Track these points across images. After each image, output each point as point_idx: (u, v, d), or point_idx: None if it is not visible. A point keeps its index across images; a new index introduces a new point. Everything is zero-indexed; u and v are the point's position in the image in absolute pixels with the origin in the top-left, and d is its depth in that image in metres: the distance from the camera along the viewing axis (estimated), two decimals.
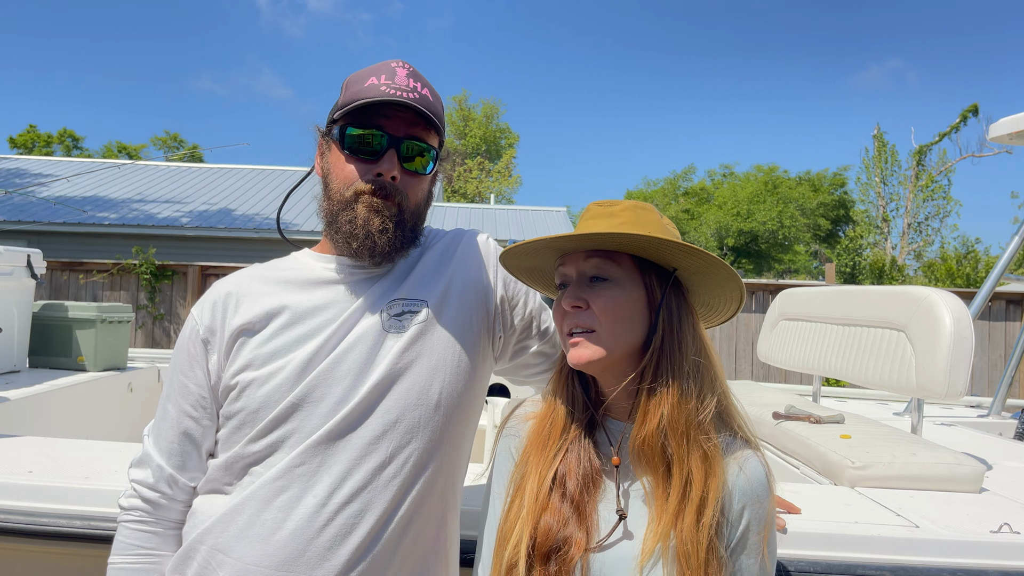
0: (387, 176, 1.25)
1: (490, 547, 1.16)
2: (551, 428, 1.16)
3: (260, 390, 1.20)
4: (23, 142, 35.23)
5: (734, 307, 1.17)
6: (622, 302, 1.09)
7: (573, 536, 1.06)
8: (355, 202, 1.25)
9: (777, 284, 9.48)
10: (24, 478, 1.72)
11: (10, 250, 3.20)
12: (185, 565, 1.21)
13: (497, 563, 1.11)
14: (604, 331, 1.09)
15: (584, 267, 1.12)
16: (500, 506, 1.17)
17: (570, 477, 1.11)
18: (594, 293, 1.10)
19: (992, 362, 8.76)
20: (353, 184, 1.25)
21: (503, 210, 18.84)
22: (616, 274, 1.10)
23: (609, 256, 1.10)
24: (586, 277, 1.11)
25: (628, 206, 1.14)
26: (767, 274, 30.42)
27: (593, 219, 1.13)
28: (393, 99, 1.22)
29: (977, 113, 24.41)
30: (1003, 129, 3.74)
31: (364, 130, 1.25)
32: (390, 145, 1.26)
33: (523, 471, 1.15)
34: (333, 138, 1.29)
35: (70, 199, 14.61)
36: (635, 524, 1.08)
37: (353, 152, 1.26)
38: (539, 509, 1.09)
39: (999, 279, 3.71)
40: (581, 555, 1.05)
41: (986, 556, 1.52)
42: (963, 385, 2.08)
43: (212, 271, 9.30)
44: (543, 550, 1.06)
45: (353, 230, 1.24)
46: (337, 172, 1.28)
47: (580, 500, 1.09)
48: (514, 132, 38.23)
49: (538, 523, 1.08)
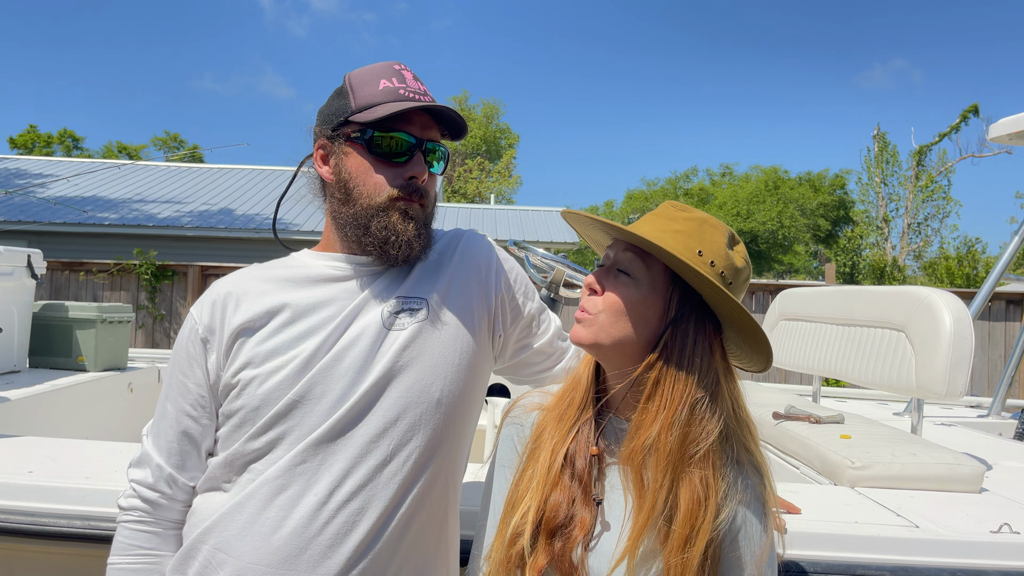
0: (420, 179, 1.28)
1: (491, 535, 1.17)
2: (569, 404, 1.17)
3: (261, 387, 1.20)
4: (23, 142, 35.23)
5: (758, 365, 1.14)
6: (632, 301, 1.09)
7: (579, 515, 1.07)
8: (389, 208, 1.27)
9: (777, 284, 9.48)
10: (24, 478, 1.72)
11: (10, 250, 3.20)
12: (186, 565, 1.21)
13: (503, 529, 1.12)
14: (603, 320, 1.10)
15: (620, 257, 1.13)
16: (505, 479, 1.19)
17: (579, 456, 1.12)
18: (611, 283, 1.12)
19: (992, 362, 8.76)
20: (385, 190, 1.27)
21: (503, 210, 18.83)
22: (641, 275, 1.10)
23: (643, 256, 1.11)
24: (616, 267, 1.13)
25: (696, 218, 1.11)
26: (767, 274, 30.42)
27: (656, 217, 1.13)
28: (423, 105, 1.25)
29: (978, 113, 24.42)
30: (1003, 129, 3.74)
31: (390, 134, 1.27)
32: (416, 147, 1.28)
33: (538, 443, 1.16)
34: (352, 141, 1.29)
35: (70, 199, 14.60)
36: (617, 521, 1.09)
37: (383, 158, 1.28)
38: (550, 484, 1.10)
39: (999, 279, 3.71)
40: (583, 536, 1.06)
41: (986, 556, 1.52)
42: (963, 385, 2.08)
43: (212, 271, 9.30)
44: (550, 525, 1.07)
45: (390, 236, 1.26)
46: (364, 178, 1.28)
47: (587, 481, 1.10)
48: (514, 132, 38.27)
49: (548, 497, 1.09)
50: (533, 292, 1.48)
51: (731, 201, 31.15)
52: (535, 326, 1.47)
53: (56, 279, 9.22)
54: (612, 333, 1.10)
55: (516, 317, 1.43)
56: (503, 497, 1.18)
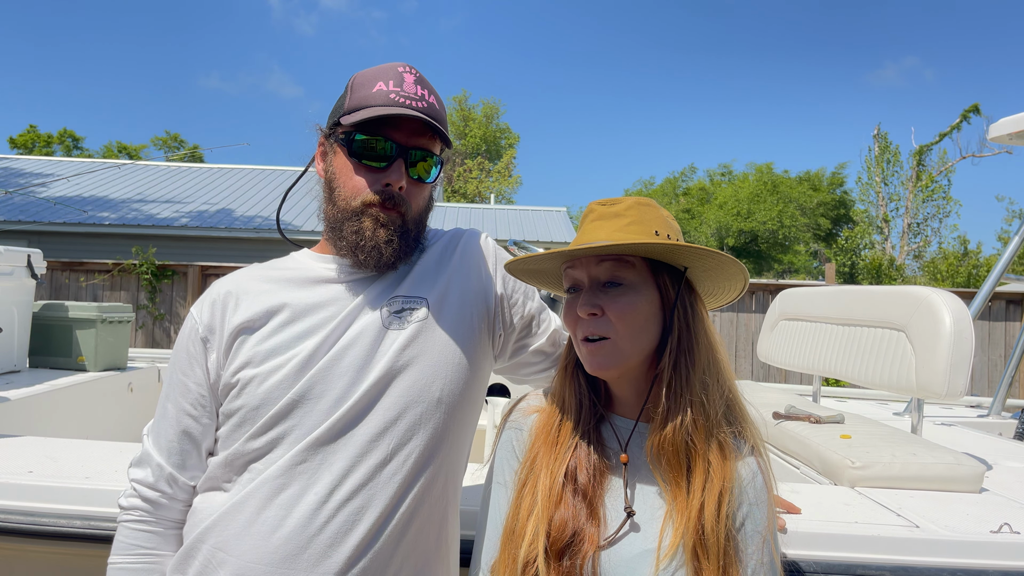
0: (395, 186, 1.26)
1: (492, 538, 1.16)
2: (560, 426, 1.15)
3: (260, 387, 1.20)
4: (23, 142, 35.25)
5: (736, 292, 1.17)
6: (638, 307, 1.08)
7: (586, 531, 1.06)
8: (362, 214, 1.26)
9: (777, 284, 9.48)
10: (24, 478, 1.72)
11: (10, 250, 3.20)
12: (186, 564, 1.21)
13: (507, 559, 1.10)
14: (621, 338, 1.08)
15: (596, 272, 1.10)
16: (504, 496, 1.17)
17: (580, 471, 1.10)
18: (609, 299, 1.08)
19: (992, 362, 8.76)
20: (361, 195, 1.26)
21: (503, 210, 18.83)
22: (630, 278, 1.09)
23: (621, 259, 1.09)
24: (599, 282, 1.10)
25: (631, 204, 1.13)
26: (767, 274, 30.42)
27: (599, 220, 1.12)
28: (403, 113, 1.22)
29: (979, 112, 24.41)
30: (1003, 129, 3.74)
31: (372, 138, 1.25)
32: (398, 155, 1.26)
33: (532, 468, 1.14)
34: (339, 142, 1.29)
35: (70, 199, 14.60)
36: (645, 521, 1.08)
37: (361, 160, 1.26)
38: (552, 505, 1.08)
39: (999, 279, 3.71)
40: (593, 551, 1.05)
41: (986, 556, 1.52)
42: (963, 385, 2.08)
43: (212, 271, 9.29)
44: (558, 546, 1.06)
45: (360, 242, 1.25)
46: (344, 180, 1.28)
47: (592, 495, 1.09)
48: (514, 132, 38.26)
49: (552, 518, 1.07)
50: (533, 292, 1.48)
51: (731, 201, 31.15)
52: (535, 326, 1.47)
53: (56, 279, 9.22)
54: (636, 347, 1.09)
55: (516, 317, 1.43)
56: (501, 515, 1.16)
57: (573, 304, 1.12)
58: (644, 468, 1.12)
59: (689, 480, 1.06)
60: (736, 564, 1.04)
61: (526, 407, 1.24)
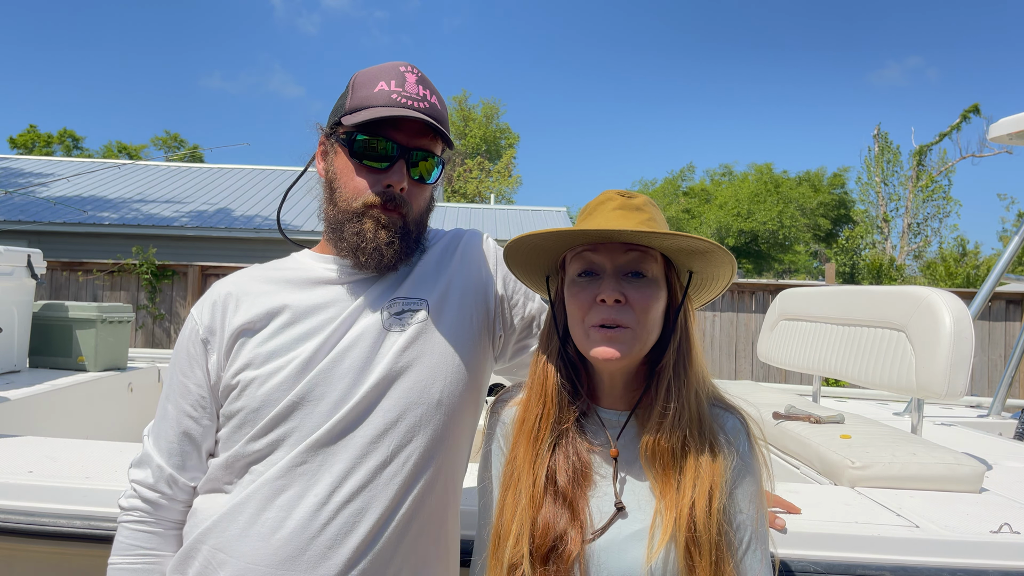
0: (397, 187, 1.25)
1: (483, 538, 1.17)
2: (541, 420, 1.12)
3: (261, 389, 1.20)
4: (23, 142, 35.24)
5: (727, 275, 1.16)
6: (657, 300, 1.09)
7: (568, 533, 1.06)
8: (363, 215, 1.25)
9: (777, 284, 9.48)
10: (24, 478, 1.72)
11: (10, 250, 3.20)
12: (186, 565, 1.21)
13: (495, 563, 1.10)
14: (640, 329, 1.07)
15: (621, 260, 1.09)
16: (496, 493, 1.18)
17: (560, 473, 1.09)
18: (634, 289, 1.08)
19: (992, 362, 8.76)
20: (362, 196, 1.26)
21: (503, 210, 18.83)
22: (654, 272, 1.10)
23: (647, 253, 1.10)
24: (623, 271, 1.09)
25: (647, 201, 1.14)
26: (767, 274, 30.42)
27: (622, 210, 1.11)
28: (404, 114, 1.22)
29: (979, 113, 24.41)
30: (1003, 129, 3.74)
31: (373, 138, 1.25)
32: (399, 155, 1.26)
33: (513, 466, 1.13)
34: (340, 142, 1.29)
35: (70, 199, 14.60)
36: (634, 509, 1.08)
37: (362, 161, 1.26)
38: (535, 508, 1.08)
39: (999, 279, 3.71)
40: (578, 550, 1.05)
41: (986, 556, 1.52)
42: (963, 385, 2.08)
43: (212, 271, 9.30)
44: (542, 551, 1.05)
45: (360, 243, 1.25)
46: (345, 181, 1.28)
47: (572, 495, 1.08)
48: (514, 132, 38.25)
49: (535, 520, 1.07)
50: (533, 292, 1.48)
51: (731, 201, 31.14)
52: (535, 326, 1.47)
53: (56, 279, 9.22)
54: (649, 341, 1.10)
55: (516, 318, 1.43)
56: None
57: (591, 288, 1.09)
58: (635, 464, 1.12)
59: (680, 479, 1.06)
60: (728, 559, 1.05)
61: (509, 399, 1.24)
